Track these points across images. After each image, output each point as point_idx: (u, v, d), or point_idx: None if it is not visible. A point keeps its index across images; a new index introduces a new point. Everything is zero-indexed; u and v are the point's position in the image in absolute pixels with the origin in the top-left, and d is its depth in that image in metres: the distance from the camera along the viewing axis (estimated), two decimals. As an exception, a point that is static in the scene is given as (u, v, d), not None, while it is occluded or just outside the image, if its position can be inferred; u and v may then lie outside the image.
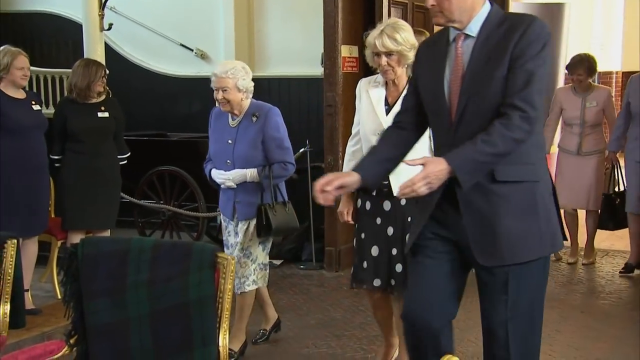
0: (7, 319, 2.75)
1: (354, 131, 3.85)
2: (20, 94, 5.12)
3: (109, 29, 6.90)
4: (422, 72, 2.76)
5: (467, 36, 2.55)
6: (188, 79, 8.18)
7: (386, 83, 3.65)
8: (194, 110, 8.07)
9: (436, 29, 7.66)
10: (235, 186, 4.18)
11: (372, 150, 2.89)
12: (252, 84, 4.19)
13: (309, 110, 7.34)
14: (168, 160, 6.88)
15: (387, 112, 3.58)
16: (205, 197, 6.61)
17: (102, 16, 6.66)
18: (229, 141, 4.18)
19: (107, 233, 5.52)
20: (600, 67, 7.90)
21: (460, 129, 2.58)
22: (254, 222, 4.20)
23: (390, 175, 3.10)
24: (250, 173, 4.14)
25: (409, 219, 3.46)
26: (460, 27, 2.55)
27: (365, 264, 3.72)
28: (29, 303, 5.13)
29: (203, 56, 8.17)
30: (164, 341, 2.29)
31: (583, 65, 6.25)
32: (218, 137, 4.30)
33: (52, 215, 5.62)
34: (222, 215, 4.46)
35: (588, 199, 6.31)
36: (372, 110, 3.64)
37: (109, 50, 7.35)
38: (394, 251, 3.62)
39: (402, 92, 3.51)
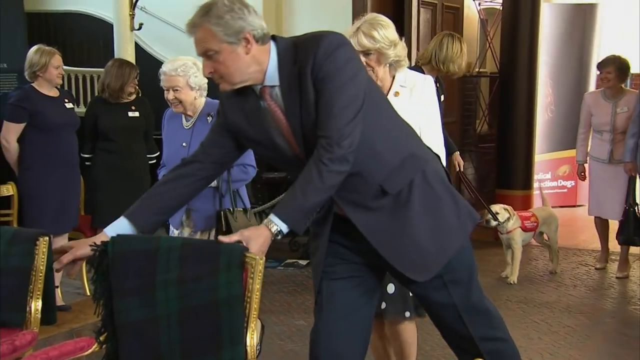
0: (39, 315, 2.77)
1: None
2: (54, 93, 5.17)
3: (139, 28, 6.99)
4: (240, 125, 2.50)
5: (272, 86, 2.39)
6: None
7: None
8: (221, 110, 8.14)
9: (466, 31, 7.75)
10: None
11: (151, 194, 2.63)
12: (206, 80, 3.75)
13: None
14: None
15: None
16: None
17: (132, 16, 6.75)
18: (183, 144, 3.78)
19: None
20: (635, 69, 7.71)
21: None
22: (213, 232, 3.86)
23: None
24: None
25: None
26: (258, 83, 2.39)
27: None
28: (59, 300, 5.19)
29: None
30: (193, 340, 2.31)
31: (614, 64, 6.00)
32: (171, 140, 3.91)
33: (82, 213, 5.68)
34: (171, 228, 4.03)
35: (620, 210, 5.97)
36: None
37: (139, 49, 7.45)
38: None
39: (387, 95, 3.12)
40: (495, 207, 5.92)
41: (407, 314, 3.28)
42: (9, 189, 5.48)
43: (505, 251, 6.04)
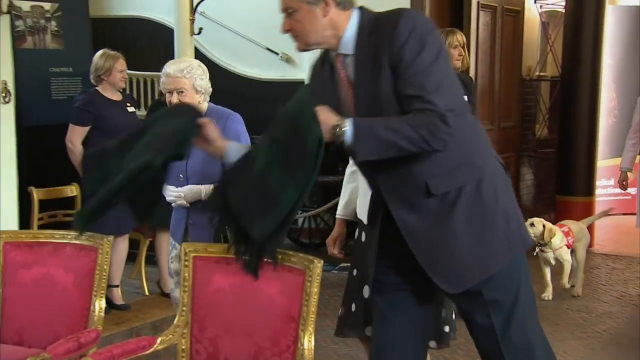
0: (103, 314, 2.83)
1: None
2: (117, 96, 5.27)
3: (199, 33, 7.08)
4: (321, 97, 2.44)
5: (345, 55, 2.35)
6: (273, 82, 8.31)
7: None
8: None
9: (527, 34, 7.65)
10: (188, 205, 3.47)
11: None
12: (210, 84, 3.54)
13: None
14: (253, 162, 6.93)
15: None
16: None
17: (192, 21, 6.84)
18: None
19: (192, 233, 5.64)
20: None
21: None
22: None
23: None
24: (206, 189, 3.40)
25: None
26: (332, 48, 2.37)
27: (354, 307, 3.10)
28: (119, 299, 5.32)
29: (288, 60, 8.28)
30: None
31: None
32: None
33: None
34: (171, 237, 3.79)
35: None
36: None
37: (198, 53, 7.53)
38: None
39: None
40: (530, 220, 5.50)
41: None
42: (73, 190, 5.65)
43: (544, 269, 5.63)
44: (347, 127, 2.16)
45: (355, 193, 3.18)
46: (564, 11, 7.63)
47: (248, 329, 2.48)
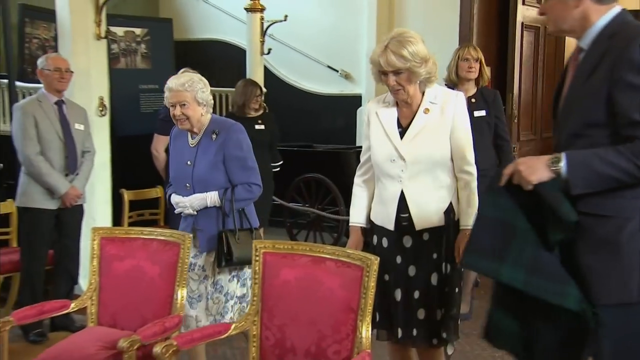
0: (184, 301, 2.86)
1: (362, 159, 2.98)
2: None
3: (268, 53, 7.14)
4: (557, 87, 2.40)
5: (581, 49, 2.20)
6: (333, 96, 8.29)
7: (397, 102, 2.80)
8: (337, 125, 8.19)
9: (568, 51, 7.51)
10: (195, 213, 3.29)
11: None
12: (211, 97, 3.38)
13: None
14: (314, 169, 6.90)
15: (402, 135, 2.75)
16: (346, 202, 6.61)
17: (262, 42, 6.91)
18: (188, 162, 3.29)
19: (261, 231, 5.66)
20: None
21: (557, 136, 2.29)
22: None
23: (410, 207, 2.70)
24: (211, 197, 3.26)
25: (434, 256, 2.74)
26: (576, 37, 2.23)
27: (390, 310, 2.78)
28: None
29: (347, 76, 8.26)
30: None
31: None
32: (177, 159, 3.40)
33: None
34: None
35: None
36: (384, 134, 2.79)
37: (267, 72, 7.59)
38: (416, 294, 2.72)
39: (416, 112, 2.77)
40: None
41: (435, 341, 2.77)
42: (157, 192, 5.76)
43: None
44: (563, 162, 2.02)
45: (370, 200, 2.94)
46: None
47: (312, 318, 2.48)
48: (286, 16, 7.13)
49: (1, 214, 4.95)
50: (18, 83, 5.50)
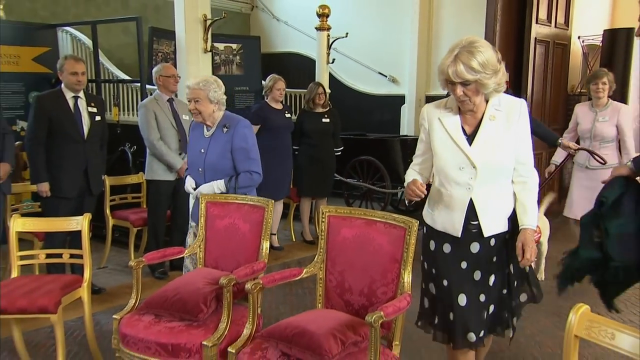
0: (268, 251, 2.86)
1: (417, 160, 2.44)
2: (279, 106, 5.34)
3: (332, 62, 7.12)
4: None
5: None
6: (382, 96, 8.24)
7: (459, 109, 2.26)
8: (385, 118, 8.12)
9: (572, 61, 7.22)
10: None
11: None
12: (225, 97, 3.18)
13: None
14: (366, 152, 6.91)
15: (470, 142, 2.23)
16: (391, 179, 6.65)
17: (328, 54, 6.89)
18: (202, 150, 3.16)
19: (325, 200, 5.65)
20: None
21: None
22: None
23: (480, 215, 2.24)
24: (217, 185, 3.12)
25: (494, 259, 2.30)
26: None
27: (452, 316, 2.30)
28: (276, 242, 5.46)
29: (393, 80, 8.18)
30: None
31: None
32: (193, 147, 3.25)
33: (291, 186, 5.81)
34: (191, 220, 3.32)
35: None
36: (451, 141, 2.24)
37: (331, 77, 7.59)
38: (482, 297, 2.30)
39: (480, 120, 2.23)
40: None
41: (499, 329, 2.43)
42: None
43: None
44: None
45: (424, 171, 2.42)
46: (600, 44, 7.21)
47: (365, 266, 2.48)
48: (347, 33, 7.08)
49: (135, 183, 5.14)
50: (148, 86, 5.65)
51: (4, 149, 3.74)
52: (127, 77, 6.73)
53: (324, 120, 5.54)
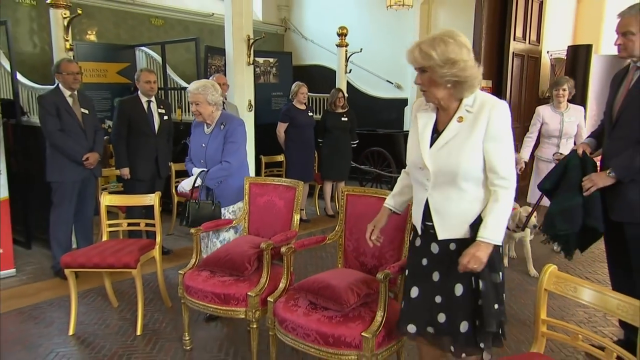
0: (298, 223, 2.80)
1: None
2: (303, 107, 5.30)
3: (350, 72, 7.03)
4: (609, 93, 2.22)
5: (638, 67, 2.05)
6: (389, 99, 8.10)
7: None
8: (391, 117, 7.99)
9: (542, 71, 7.02)
10: (187, 190, 2.95)
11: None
12: (222, 98, 2.96)
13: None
14: (377, 144, 6.83)
15: (433, 141, 1.72)
16: (396, 165, 6.60)
17: (346, 65, 6.80)
18: (203, 145, 2.97)
19: (343, 183, 5.61)
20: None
21: (613, 133, 2.22)
22: (221, 211, 2.98)
23: (433, 216, 1.74)
24: (195, 178, 2.92)
25: (457, 265, 1.69)
26: (636, 61, 2.08)
27: (402, 304, 1.89)
28: (303, 215, 5.41)
29: (398, 86, 8.05)
30: None
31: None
32: (196, 142, 3.03)
33: (316, 171, 5.80)
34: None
35: None
36: (417, 139, 1.76)
37: (349, 85, 7.47)
38: (438, 299, 1.78)
39: (452, 117, 1.69)
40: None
41: (469, 350, 1.77)
42: (281, 157, 5.83)
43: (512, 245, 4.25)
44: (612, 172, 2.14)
45: (406, 189, 1.97)
46: (565, 57, 7.00)
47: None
48: (361, 49, 6.97)
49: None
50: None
51: (95, 142, 3.79)
52: (187, 85, 6.74)
53: (342, 119, 5.50)
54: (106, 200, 3.22)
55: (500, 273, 1.75)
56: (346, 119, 5.49)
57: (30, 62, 6.22)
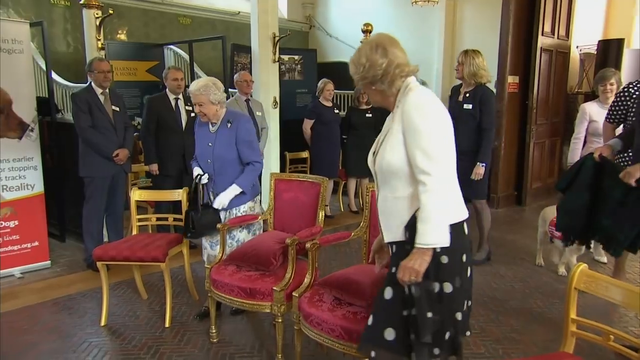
0: (323, 219, 2.78)
1: None
2: (329, 104, 5.29)
3: (373, 69, 6.96)
4: None
5: None
6: (414, 96, 8.04)
7: None
8: (416, 114, 7.95)
9: (571, 66, 6.79)
10: (225, 206, 2.82)
11: None
12: (224, 95, 2.82)
13: (484, 114, 6.90)
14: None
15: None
16: (421, 162, 6.50)
17: (370, 62, 6.75)
18: (209, 144, 2.83)
19: (367, 179, 5.53)
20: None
21: None
22: (233, 210, 2.88)
23: (380, 218, 1.69)
24: (234, 190, 2.82)
25: (392, 270, 1.62)
26: None
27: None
28: (327, 211, 5.41)
29: (423, 83, 7.90)
30: None
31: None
32: (201, 142, 2.88)
33: (340, 168, 5.76)
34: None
35: None
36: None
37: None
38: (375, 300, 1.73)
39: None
40: None
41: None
42: (305, 154, 5.82)
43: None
44: None
45: None
46: (595, 52, 6.76)
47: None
48: (385, 46, 6.90)
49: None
50: (230, 89, 5.69)
51: (125, 138, 3.87)
52: (214, 83, 6.80)
53: (367, 115, 5.46)
54: (136, 195, 3.27)
55: (446, 283, 1.56)
56: (371, 115, 5.45)
57: (64, 61, 6.39)
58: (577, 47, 7.03)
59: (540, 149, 6.32)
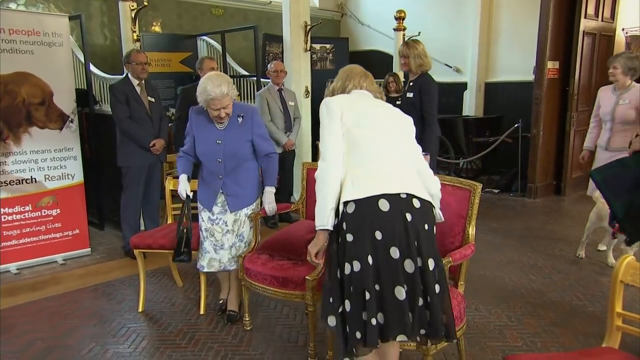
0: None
1: None
2: None
3: (407, 57, 6.84)
4: None
5: None
6: (449, 83, 7.79)
7: None
8: (450, 101, 7.69)
9: (616, 50, 6.48)
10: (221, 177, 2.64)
11: None
12: (236, 90, 2.57)
13: (521, 101, 6.65)
14: (434, 130, 6.68)
15: None
16: (454, 150, 6.36)
17: (403, 49, 6.62)
18: (218, 142, 2.58)
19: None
20: None
21: None
22: (243, 211, 2.72)
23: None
24: (270, 191, 2.73)
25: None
26: None
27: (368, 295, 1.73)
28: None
29: (457, 70, 7.75)
30: None
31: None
32: (205, 139, 2.61)
33: None
34: (199, 204, 2.75)
35: None
36: None
37: (405, 69, 7.31)
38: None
39: None
40: None
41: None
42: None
43: None
44: None
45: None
46: (643, 34, 6.39)
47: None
48: (419, 32, 6.75)
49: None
50: (262, 79, 5.71)
51: (161, 128, 3.93)
52: (246, 73, 6.84)
53: (397, 103, 5.33)
54: (170, 184, 3.31)
55: (342, 267, 1.72)
56: (400, 102, 5.35)
57: (101, 53, 6.56)
58: (622, 29, 6.66)
59: (582, 137, 6.04)
